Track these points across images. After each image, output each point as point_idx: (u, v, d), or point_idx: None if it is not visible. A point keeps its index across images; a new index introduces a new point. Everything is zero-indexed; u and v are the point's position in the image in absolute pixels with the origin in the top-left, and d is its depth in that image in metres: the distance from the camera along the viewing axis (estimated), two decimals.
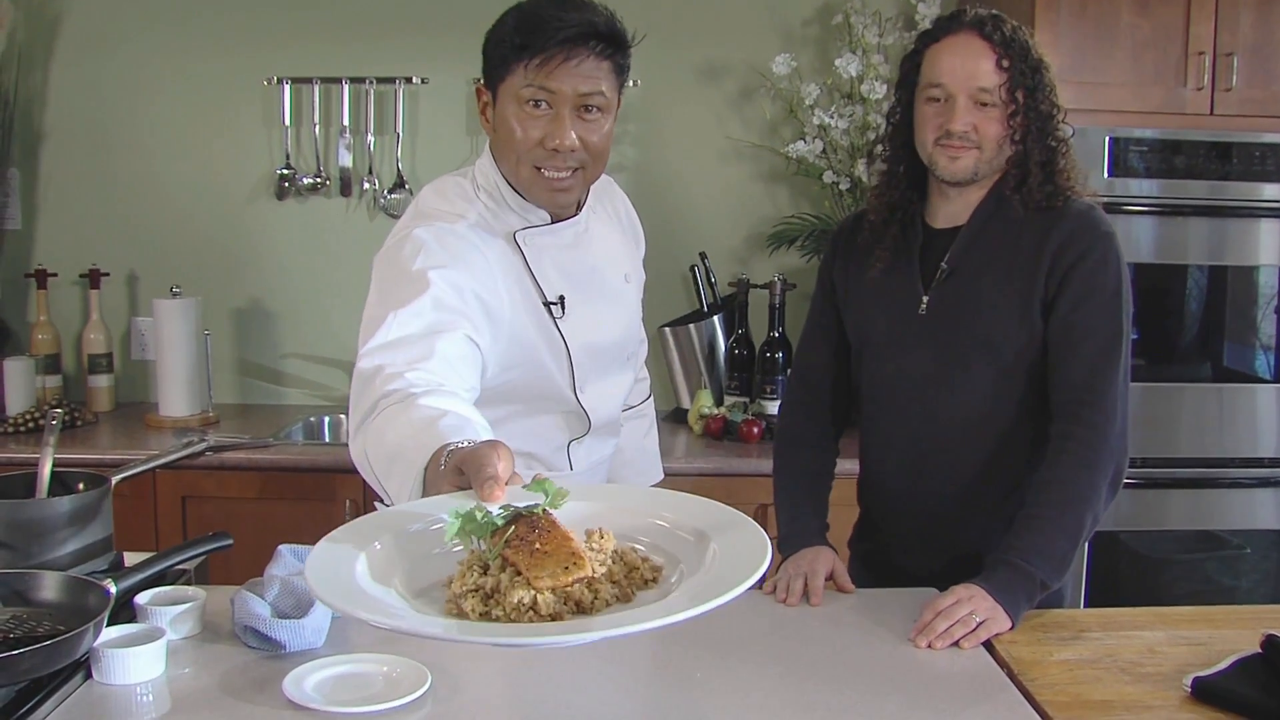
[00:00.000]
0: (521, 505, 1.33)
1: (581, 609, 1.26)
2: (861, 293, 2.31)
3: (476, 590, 1.27)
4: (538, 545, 1.27)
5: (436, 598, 1.31)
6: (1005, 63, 2.10)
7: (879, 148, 2.33)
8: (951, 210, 2.22)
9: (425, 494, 1.49)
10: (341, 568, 1.29)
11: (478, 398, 1.89)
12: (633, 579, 1.32)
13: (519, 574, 1.25)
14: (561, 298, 2.10)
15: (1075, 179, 2.16)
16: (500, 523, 1.31)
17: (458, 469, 1.40)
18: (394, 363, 1.78)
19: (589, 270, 2.17)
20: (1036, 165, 2.13)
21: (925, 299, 2.21)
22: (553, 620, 1.23)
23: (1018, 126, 2.12)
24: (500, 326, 2.02)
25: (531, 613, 1.23)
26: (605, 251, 2.24)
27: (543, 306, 2.10)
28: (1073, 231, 2.11)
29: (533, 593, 1.24)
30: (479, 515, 1.31)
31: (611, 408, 2.27)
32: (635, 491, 1.91)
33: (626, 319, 2.29)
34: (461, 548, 1.33)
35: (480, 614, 1.25)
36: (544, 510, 1.33)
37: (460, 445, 1.47)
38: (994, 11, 2.16)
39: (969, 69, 2.11)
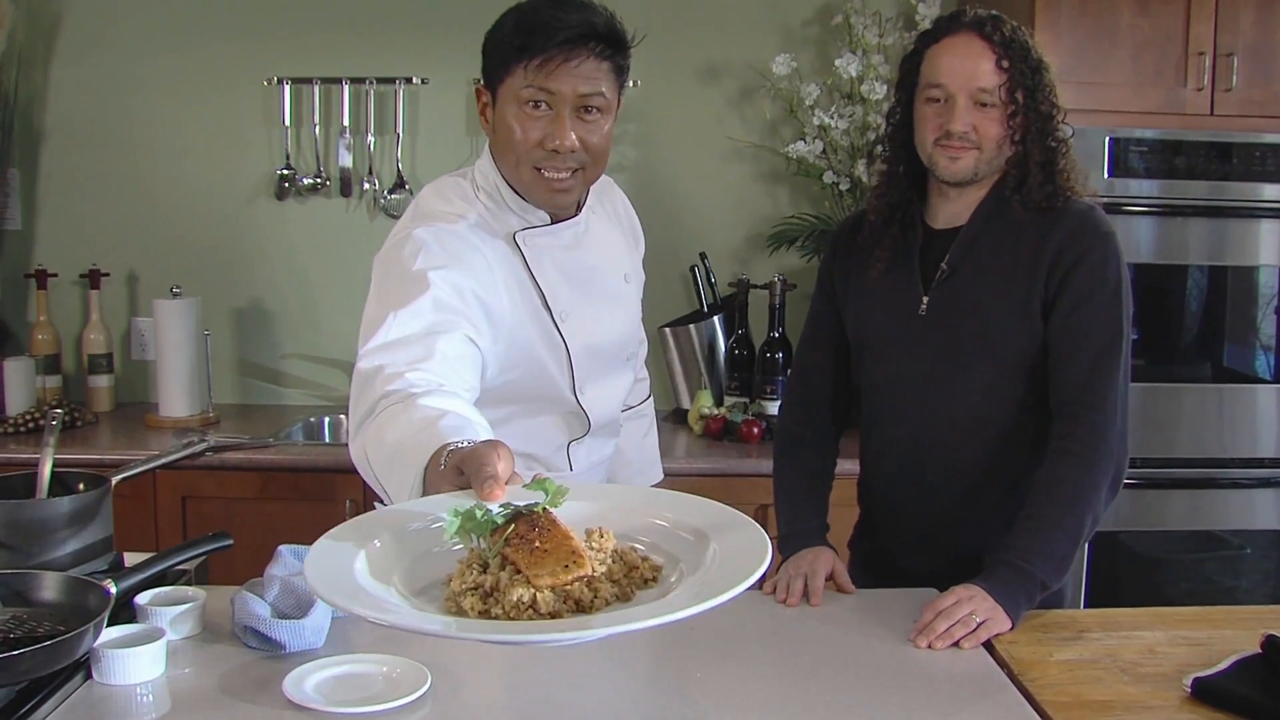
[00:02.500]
0: (521, 504, 1.32)
1: (581, 608, 1.25)
2: (861, 293, 2.31)
3: (476, 588, 1.27)
4: (538, 543, 1.27)
5: (436, 596, 1.31)
6: (1005, 63, 2.09)
7: (879, 148, 2.33)
8: (951, 211, 2.22)
9: (425, 494, 1.48)
10: (341, 565, 1.29)
11: (478, 398, 1.89)
12: (632, 578, 1.32)
13: (518, 572, 1.25)
14: (558, 297, 2.10)
15: (1075, 179, 2.16)
16: (500, 521, 1.31)
17: (458, 469, 1.40)
18: (394, 363, 1.78)
19: (589, 270, 2.17)
20: (1036, 166, 2.13)
21: (925, 299, 2.21)
22: (552, 618, 1.23)
23: (1017, 127, 2.12)
24: (500, 327, 2.02)
25: (531, 611, 1.23)
26: (605, 252, 2.24)
27: (542, 307, 2.10)
28: (1073, 232, 2.11)
29: (532, 591, 1.23)
30: (479, 514, 1.30)
31: (611, 408, 2.27)
32: (635, 491, 1.91)
33: (626, 319, 2.29)
34: (461, 546, 1.33)
35: (479, 612, 1.25)
36: (544, 509, 1.32)
37: (460, 445, 1.46)
38: (994, 12, 2.16)
39: (969, 69, 2.10)
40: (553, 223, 2.13)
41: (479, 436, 1.54)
